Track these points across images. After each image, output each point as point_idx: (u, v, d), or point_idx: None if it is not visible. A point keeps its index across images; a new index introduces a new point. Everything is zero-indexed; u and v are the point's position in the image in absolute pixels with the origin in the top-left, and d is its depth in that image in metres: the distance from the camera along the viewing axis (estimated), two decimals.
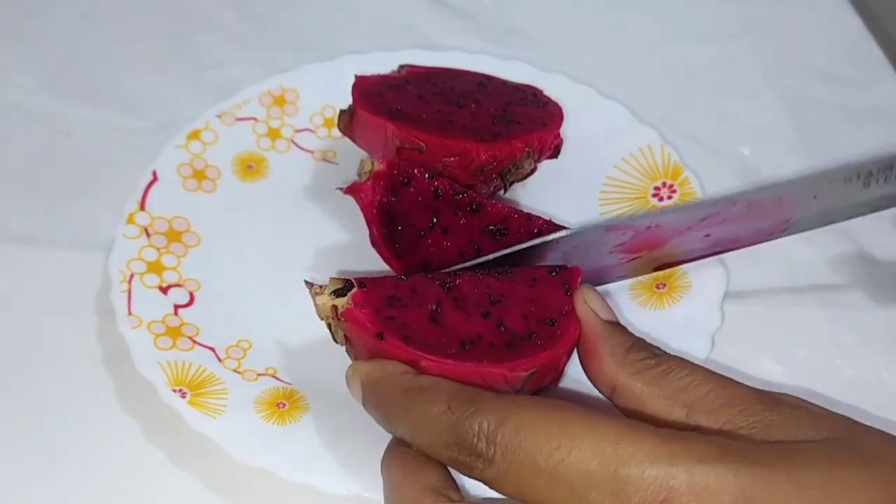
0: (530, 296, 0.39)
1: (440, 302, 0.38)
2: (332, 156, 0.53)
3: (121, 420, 0.42)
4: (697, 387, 0.32)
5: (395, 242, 0.45)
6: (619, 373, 0.34)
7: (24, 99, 0.57)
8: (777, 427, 0.30)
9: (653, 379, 0.33)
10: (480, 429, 0.29)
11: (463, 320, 0.37)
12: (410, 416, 0.32)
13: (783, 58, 0.63)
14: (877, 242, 0.52)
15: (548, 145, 0.47)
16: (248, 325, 0.45)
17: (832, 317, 0.48)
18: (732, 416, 0.30)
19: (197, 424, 0.39)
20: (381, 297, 0.38)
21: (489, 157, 0.45)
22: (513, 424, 0.29)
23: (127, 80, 0.59)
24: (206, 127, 0.52)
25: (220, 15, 0.63)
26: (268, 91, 0.54)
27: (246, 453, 0.38)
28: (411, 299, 0.38)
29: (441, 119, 0.46)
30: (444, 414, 0.31)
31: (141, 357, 0.41)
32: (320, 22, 0.63)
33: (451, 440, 0.30)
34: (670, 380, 0.32)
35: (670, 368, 0.33)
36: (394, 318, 0.37)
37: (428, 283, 0.39)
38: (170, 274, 0.45)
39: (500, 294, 0.39)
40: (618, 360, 0.34)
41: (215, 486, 0.40)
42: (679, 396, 0.32)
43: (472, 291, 0.39)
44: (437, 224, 0.45)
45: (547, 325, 0.37)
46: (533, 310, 0.38)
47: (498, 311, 0.38)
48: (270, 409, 0.41)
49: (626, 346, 0.34)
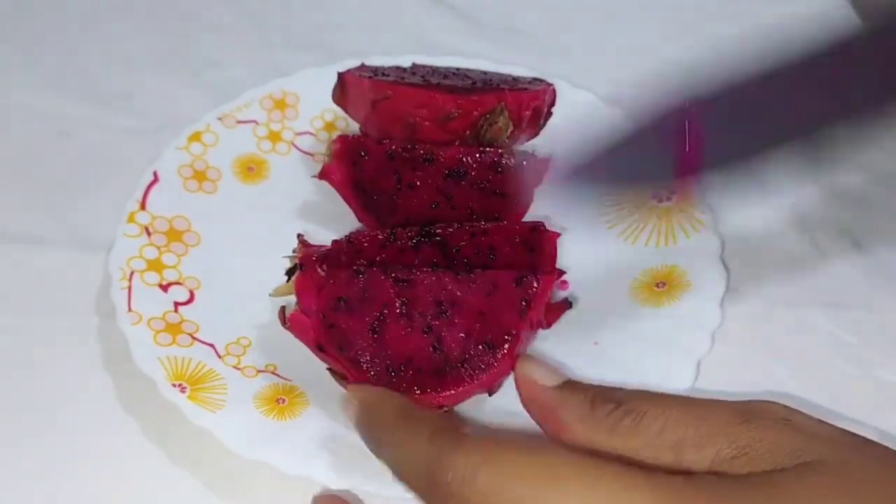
0: (483, 307, 0.39)
1: (387, 307, 0.39)
2: None
3: (120, 419, 0.42)
4: (675, 426, 0.30)
5: (375, 212, 0.46)
6: (592, 437, 0.31)
7: (24, 99, 0.57)
8: (764, 448, 0.29)
9: (628, 432, 0.30)
10: (456, 469, 0.28)
11: (402, 335, 0.39)
12: (395, 444, 0.32)
13: None
14: (877, 242, 0.52)
15: (526, 105, 0.48)
16: (248, 322, 0.45)
17: (832, 317, 0.48)
18: (719, 449, 0.29)
19: (197, 419, 0.39)
20: (329, 299, 0.39)
21: (455, 105, 0.46)
22: (493, 469, 0.28)
23: (127, 80, 0.59)
24: (207, 129, 0.52)
25: (221, 15, 0.64)
26: (269, 94, 0.54)
27: (246, 447, 0.39)
28: (360, 302, 0.39)
29: (420, 82, 0.49)
30: (424, 445, 0.30)
31: (141, 352, 0.41)
32: (321, 23, 0.63)
33: (428, 475, 0.29)
34: (645, 426, 0.30)
35: (640, 413, 0.30)
36: (335, 327, 0.39)
37: (382, 281, 0.40)
38: (170, 272, 0.45)
39: (451, 302, 0.39)
40: (585, 423, 0.31)
41: (215, 485, 0.40)
42: (660, 442, 0.30)
43: (424, 295, 0.39)
44: (402, 182, 0.46)
45: (484, 351, 0.38)
46: (478, 327, 0.39)
47: (441, 325, 0.39)
48: (270, 405, 0.41)
49: (588, 404, 0.32)
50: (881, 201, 0.54)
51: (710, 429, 0.29)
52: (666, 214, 0.50)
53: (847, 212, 0.53)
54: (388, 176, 0.46)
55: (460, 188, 0.46)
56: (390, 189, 0.47)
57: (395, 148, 0.46)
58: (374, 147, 0.47)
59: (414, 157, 0.46)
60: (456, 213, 0.46)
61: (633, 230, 0.49)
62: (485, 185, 0.46)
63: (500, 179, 0.46)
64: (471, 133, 0.47)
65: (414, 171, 0.46)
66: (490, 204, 0.46)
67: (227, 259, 0.47)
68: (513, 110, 0.47)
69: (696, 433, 0.29)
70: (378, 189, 0.47)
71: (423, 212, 0.46)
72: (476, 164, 0.46)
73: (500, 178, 0.46)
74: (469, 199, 0.46)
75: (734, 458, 0.29)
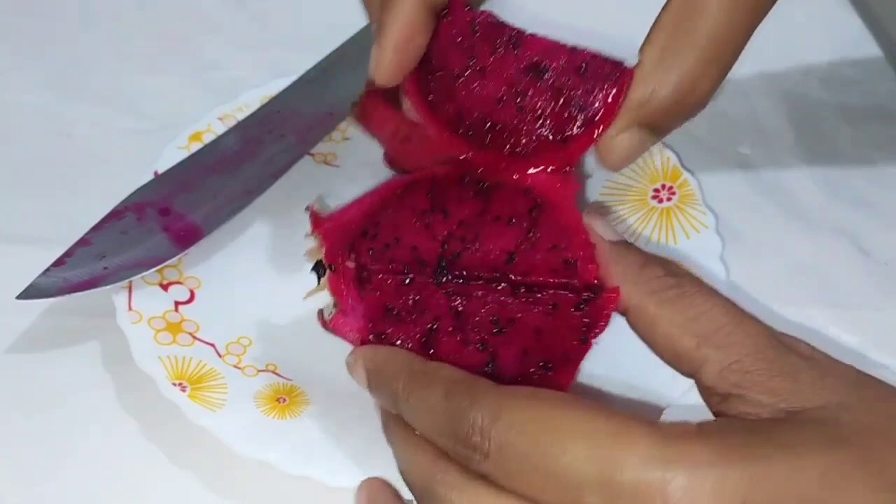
0: (542, 326, 0.36)
1: (440, 319, 0.36)
2: (332, 158, 0.53)
3: (120, 419, 0.42)
4: (712, 318, 0.30)
5: (429, 92, 0.39)
6: (632, 292, 0.32)
7: (24, 99, 0.57)
8: (783, 379, 0.29)
9: (666, 301, 0.31)
10: (475, 422, 0.29)
11: (455, 349, 0.35)
12: (411, 401, 0.32)
13: (783, 58, 0.63)
14: (877, 242, 0.52)
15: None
16: (249, 322, 0.45)
17: (832, 317, 0.48)
18: (742, 357, 0.29)
19: (197, 418, 0.39)
20: (377, 307, 0.36)
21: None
22: (506, 420, 0.28)
23: (127, 80, 0.59)
24: (208, 129, 0.52)
25: (221, 15, 0.64)
26: (269, 94, 0.54)
27: (246, 446, 0.38)
28: (410, 312, 0.36)
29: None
30: (441, 403, 0.30)
31: (141, 351, 0.41)
32: (321, 23, 0.63)
33: (448, 430, 0.30)
34: (685, 305, 0.31)
35: (686, 292, 0.31)
36: (384, 336, 0.36)
37: (435, 292, 0.36)
38: (170, 271, 0.45)
39: (508, 319, 0.36)
40: (631, 279, 0.32)
41: (215, 485, 0.40)
42: (692, 325, 0.30)
43: (479, 310, 0.36)
44: (474, 65, 0.39)
45: (541, 371, 0.35)
46: (536, 347, 0.35)
47: (497, 342, 0.36)
48: (271, 404, 0.41)
49: (640, 263, 0.33)
50: (882, 201, 0.54)
51: (741, 338, 0.30)
52: (666, 214, 0.50)
53: (848, 212, 0.53)
54: (460, 52, 0.39)
55: (535, 86, 0.39)
56: (459, 69, 0.39)
57: (483, 20, 0.38)
58: (459, 10, 0.39)
59: (498, 34, 0.39)
60: (519, 120, 0.39)
61: (634, 230, 0.49)
62: (564, 90, 0.38)
63: (581, 84, 0.38)
64: None
65: (492, 52, 0.39)
66: (560, 124, 0.38)
67: (227, 258, 0.47)
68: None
69: (727, 334, 0.30)
70: (443, 64, 0.39)
71: (485, 107, 0.39)
72: (563, 63, 0.38)
73: (582, 82, 0.38)
74: (541, 106, 0.39)
75: (747, 374, 0.29)
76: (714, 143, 0.57)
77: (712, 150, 0.56)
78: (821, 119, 0.59)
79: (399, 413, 0.33)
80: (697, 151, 0.54)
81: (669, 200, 0.50)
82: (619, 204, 0.51)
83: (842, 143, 0.58)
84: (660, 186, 0.51)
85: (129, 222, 0.46)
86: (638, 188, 0.51)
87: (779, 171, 0.56)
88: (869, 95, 0.61)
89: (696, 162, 0.52)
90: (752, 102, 0.60)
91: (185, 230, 0.46)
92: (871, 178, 0.56)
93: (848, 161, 0.57)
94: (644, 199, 0.51)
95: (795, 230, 0.52)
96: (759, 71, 0.62)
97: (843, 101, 0.60)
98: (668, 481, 0.26)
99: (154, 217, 0.46)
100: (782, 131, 0.58)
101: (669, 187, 0.51)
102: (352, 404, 0.41)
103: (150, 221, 0.46)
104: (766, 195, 0.54)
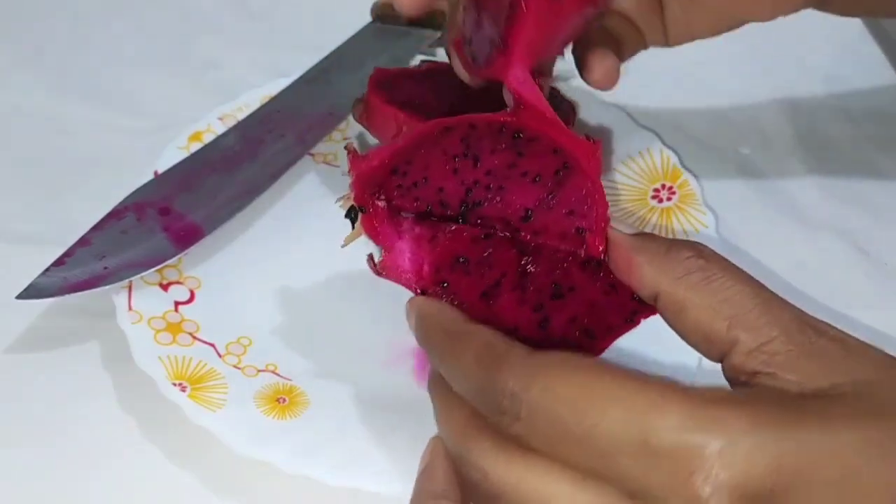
0: (598, 301, 0.36)
1: (506, 276, 0.36)
2: (332, 159, 0.53)
3: (120, 419, 0.42)
4: (742, 301, 0.30)
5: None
6: (660, 278, 0.32)
7: (24, 99, 0.57)
8: (812, 360, 0.29)
9: (695, 285, 0.31)
10: (505, 387, 0.29)
11: (512, 306, 0.36)
12: (448, 361, 0.32)
13: (783, 58, 0.63)
14: (877, 242, 0.52)
15: None
16: (249, 322, 0.45)
17: (832, 316, 0.48)
18: (772, 339, 0.29)
19: (197, 418, 0.39)
20: (447, 255, 0.37)
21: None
22: (539, 387, 0.28)
23: (127, 80, 0.59)
24: (208, 129, 0.52)
25: (221, 15, 0.64)
26: (269, 94, 0.54)
27: (246, 446, 0.38)
28: (480, 265, 0.37)
29: (453, 112, 0.45)
30: (472, 365, 0.30)
31: (141, 351, 0.41)
32: (321, 23, 0.63)
33: (479, 392, 0.30)
34: (714, 289, 0.31)
35: (714, 275, 0.31)
36: (447, 284, 0.36)
37: (509, 249, 0.37)
38: (170, 271, 0.45)
39: (569, 287, 0.37)
40: (657, 265, 0.32)
41: (215, 484, 0.40)
42: (722, 308, 0.30)
43: (545, 272, 0.37)
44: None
45: (584, 337, 0.36)
46: (586, 316, 0.36)
47: (553, 307, 0.36)
48: (270, 404, 0.41)
49: (664, 250, 0.33)
50: (882, 201, 0.54)
51: (771, 320, 0.30)
52: (666, 214, 0.50)
53: (848, 212, 0.53)
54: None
55: None
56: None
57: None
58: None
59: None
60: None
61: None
62: None
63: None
64: None
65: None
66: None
67: (227, 258, 0.47)
68: None
69: (757, 317, 0.30)
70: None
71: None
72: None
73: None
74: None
75: (776, 356, 0.29)
76: (714, 143, 0.57)
77: (712, 150, 0.56)
78: (821, 119, 0.59)
79: (438, 368, 0.33)
80: (697, 151, 0.54)
81: (669, 200, 0.50)
82: (620, 203, 0.51)
83: (842, 143, 0.58)
84: (660, 186, 0.51)
85: (129, 222, 0.46)
86: (638, 188, 0.52)
87: (779, 172, 0.56)
88: (869, 95, 0.61)
89: (696, 162, 0.52)
90: (752, 103, 0.60)
91: (185, 230, 0.46)
92: (871, 178, 0.56)
93: (848, 161, 0.57)
94: (644, 199, 0.51)
95: (795, 230, 0.52)
96: (759, 71, 0.62)
97: (843, 101, 0.60)
98: (704, 445, 0.26)
99: (154, 217, 0.46)
100: (782, 131, 0.58)
101: (669, 187, 0.51)
102: (352, 404, 0.41)
103: (150, 221, 0.46)
104: (766, 195, 0.54)
